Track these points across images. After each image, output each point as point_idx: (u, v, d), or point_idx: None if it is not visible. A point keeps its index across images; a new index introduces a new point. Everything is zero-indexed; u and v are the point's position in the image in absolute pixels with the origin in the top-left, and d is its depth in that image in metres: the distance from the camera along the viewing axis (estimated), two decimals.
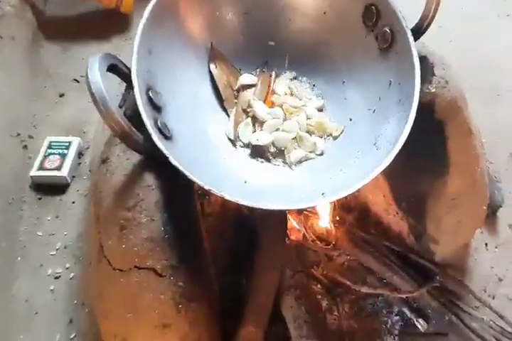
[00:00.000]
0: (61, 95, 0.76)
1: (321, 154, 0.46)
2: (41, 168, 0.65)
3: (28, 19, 0.76)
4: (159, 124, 0.39)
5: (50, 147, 0.66)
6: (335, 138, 0.47)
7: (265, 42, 0.49)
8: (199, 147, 0.44)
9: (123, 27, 0.81)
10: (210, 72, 0.48)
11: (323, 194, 0.40)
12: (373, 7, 0.43)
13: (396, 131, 0.39)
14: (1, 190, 0.61)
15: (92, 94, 0.33)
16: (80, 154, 0.69)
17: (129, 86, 0.40)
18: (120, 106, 0.45)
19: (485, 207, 0.53)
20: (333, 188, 0.40)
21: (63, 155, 0.66)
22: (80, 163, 0.68)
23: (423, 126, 0.38)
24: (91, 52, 0.78)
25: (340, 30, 0.46)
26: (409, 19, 0.41)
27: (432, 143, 0.45)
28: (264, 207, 0.38)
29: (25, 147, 0.67)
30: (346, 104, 0.47)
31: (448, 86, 0.43)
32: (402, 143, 0.37)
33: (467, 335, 0.55)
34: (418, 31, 0.41)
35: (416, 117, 0.38)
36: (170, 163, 0.36)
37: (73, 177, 0.67)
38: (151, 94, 0.40)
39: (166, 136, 0.40)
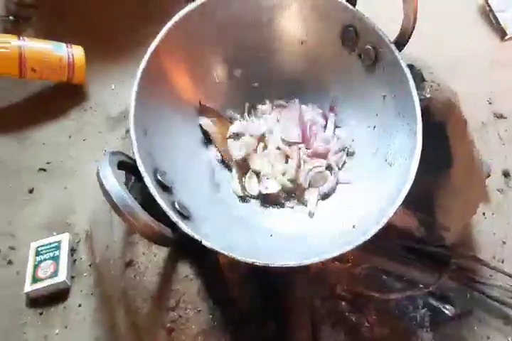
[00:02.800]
0: (30, 191, 0.74)
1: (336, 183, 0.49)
2: (35, 280, 0.62)
3: None
4: (177, 207, 0.40)
5: (38, 254, 0.64)
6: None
7: (249, 85, 0.52)
8: (218, 214, 0.46)
9: (79, 98, 0.82)
10: (203, 130, 0.50)
11: (353, 226, 0.42)
12: (351, 28, 0.47)
13: (407, 144, 0.43)
14: None
15: (115, 206, 0.33)
16: (72, 250, 0.67)
17: (137, 177, 0.40)
18: None
19: (485, 183, 0.63)
20: (361, 218, 0.42)
21: (56, 258, 0.65)
22: (75, 260, 0.67)
23: (425, 131, 0.42)
24: (51, 133, 0.78)
25: (322, 56, 0.51)
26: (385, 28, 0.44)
27: (435, 144, 0.48)
28: (308, 262, 0.38)
29: (9, 262, 0.65)
30: (344, 125, 0.51)
31: (440, 88, 0.48)
32: (418, 157, 0.40)
33: (491, 305, 0.62)
34: (401, 43, 0.46)
35: None
36: (200, 244, 0.37)
37: (72, 277, 0.65)
38: (159, 177, 0.42)
39: (187, 217, 0.40)
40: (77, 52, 0.74)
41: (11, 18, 0.81)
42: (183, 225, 0.38)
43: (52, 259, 0.63)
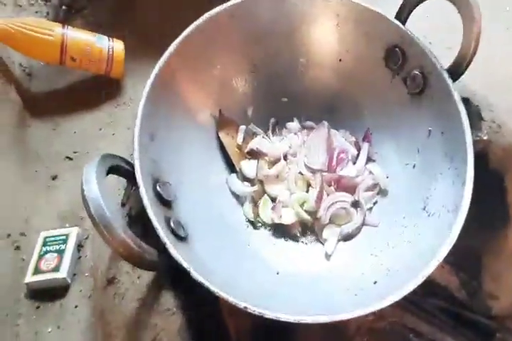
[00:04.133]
0: (54, 177, 0.75)
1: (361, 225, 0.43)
2: (37, 271, 0.61)
3: (12, 100, 0.78)
4: (172, 225, 0.37)
5: (45, 244, 0.64)
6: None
7: (277, 99, 0.48)
8: (220, 239, 0.42)
9: (114, 93, 0.83)
10: (220, 142, 0.46)
11: (375, 283, 0.35)
12: (397, 49, 0.42)
13: (451, 194, 0.36)
14: None
15: (90, 215, 0.30)
16: (79, 246, 0.66)
17: (134, 183, 0.37)
18: (123, 205, 0.42)
19: None
20: (385, 274, 0.36)
21: (61, 252, 0.63)
22: (80, 257, 0.65)
23: (476, 179, 0.35)
24: (83, 124, 0.79)
25: (360, 77, 0.46)
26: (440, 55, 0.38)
27: (488, 197, 0.42)
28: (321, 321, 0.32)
29: (17, 248, 0.65)
30: (378, 159, 0.45)
31: (501, 130, 0.41)
32: (465, 212, 0.33)
33: None
34: (456, 72, 0.39)
35: None
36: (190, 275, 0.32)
37: (74, 275, 0.63)
38: (159, 189, 0.38)
39: (181, 237, 0.37)
40: (118, 46, 0.74)
41: (63, 7, 0.82)
42: (171, 247, 0.33)
43: (57, 252, 0.62)
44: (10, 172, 0.71)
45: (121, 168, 0.37)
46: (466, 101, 0.39)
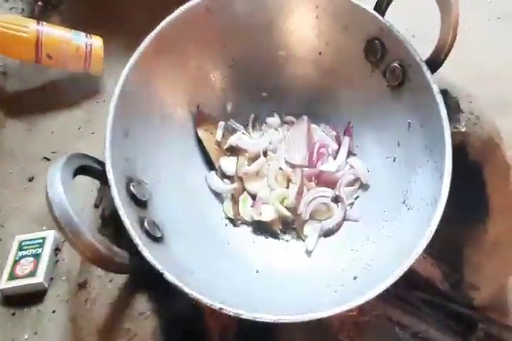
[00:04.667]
0: (30, 179, 0.72)
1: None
2: (12, 276, 0.60)
3: None
4: (146, 225, 0.35)
5: (20, 248, 0.62)
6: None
7: (257, 94, 0.47)
8: (198, 238, 0.40)
9: (93, 89, 0.81)
10: (199, 139, 0.45)
11: (355, 278, 0.35)
12: (377, 41, 0.41)
13: (430, 186, 0.35)
14: None
15: (55, 218, 0.28)
16: (56, 250, 0.64)
17: (106, 183, 0.36)
18: (96, 206, 0.41)
19: None
20: (365, 269, 0.35)
21: (37, 256, 0.61)
22: (57, 261, 0.63)
23: (455, 171, 0.34)
24: (61, 123, 0.77)
25: (340, 70, 0.45)
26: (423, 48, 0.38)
27: (467, 189, 0.41)
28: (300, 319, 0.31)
29: None
30: (359, 153, 0.44)
31: (479, 122, 0.41)
32: (443, 205, 0.32)
33: None
34: (434, 63, 0.38)
35: None
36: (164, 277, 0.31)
37: (51, 279, 0.61)
38: (132, 189, 0.37)
39: (156, 238, 0.35)
40: (96, 42, 0.72)
41: (39, 3, 0.80)
42: (143, 249, 0.32)
43: (33, 257, 0.60)
44: None
45: (92, 168, 0.36)
46: (444, 92, 0.39)
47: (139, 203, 0.36)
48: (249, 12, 0.43)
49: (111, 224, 0.36)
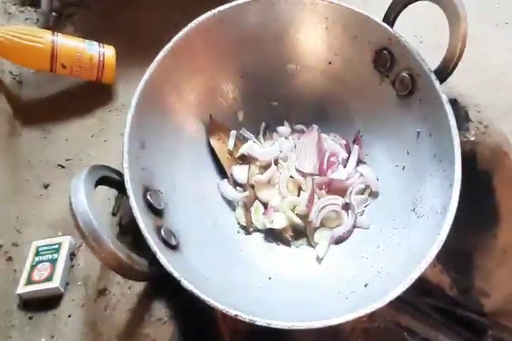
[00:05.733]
0: (46, 186, 0.74)
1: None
2: (29, 282, 0.61)
3: (2, 108, 0.78)
4: (163, 234, 0.37)
5: (37, 254, 0.63)
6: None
7: (268, 103, 0.48)
8: (210, 246, 0.43)
9: (106, 98, 0.83)
10: (211, 148, 0.46)
11: (366, 285, 0.36)
12: (385, 51, 0.42)
13: (440, 195, 0.36)
14: None
15: (79, 227, 0.30)
16: (72, 255, 0.66)
17: (124, 192, 0.37)
18: (114, 214, 0.42)
19: None
20: (375, 276, 0.36)
21: (53, 261, 0.63)
22: (72, 266, 0.65)
23: (465, 180, 0.35)
24: (74, 131, 0.79)
25: (350, 80, 0.46)
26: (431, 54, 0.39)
27: (477, 197, 0.42)
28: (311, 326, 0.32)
29: (9, 259, 0.65)
30: (369, 161, 0.45)
31: (488, 131, 0.42)
32: (453, 213, 0.33)
33: None
34: (443, 73, 0.40)
35: None
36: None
37: (67, 284, 0.63)
38: (149, 198, 0.38)
39: (172, 246, 0.36)
40: (109, 52, 0.74)
41: (53, 14, 0.83)
42: (161, 256, 0.33)
43: (49, 262, 0.62)
44: (0, 181, 0.71)
45: (111, 179, 0.37)
46: (453, 102, 0.40)
47: (156, 212, 0.38)
48: (261, 24, 0.44)
49: (128, 232, 0.37)
